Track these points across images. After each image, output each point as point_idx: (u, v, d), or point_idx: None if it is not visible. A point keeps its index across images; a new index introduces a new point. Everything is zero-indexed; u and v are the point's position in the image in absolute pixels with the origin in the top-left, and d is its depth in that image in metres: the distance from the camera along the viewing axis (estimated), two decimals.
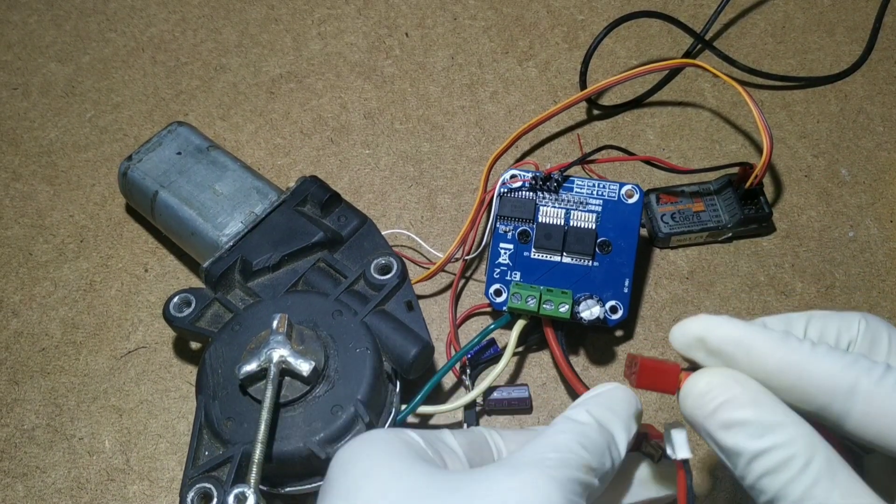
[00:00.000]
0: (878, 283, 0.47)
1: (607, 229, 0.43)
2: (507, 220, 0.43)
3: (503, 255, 0.43)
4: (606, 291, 0.42)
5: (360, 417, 0.36)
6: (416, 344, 0.38)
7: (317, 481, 0.37)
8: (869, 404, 0.24)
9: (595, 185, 0.44)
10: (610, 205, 0.43)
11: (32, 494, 0.41)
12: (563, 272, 0.43)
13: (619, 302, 0.42)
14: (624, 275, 0.42)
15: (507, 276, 0.43)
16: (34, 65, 0.57)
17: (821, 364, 0.25)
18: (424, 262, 0.47)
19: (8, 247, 0.49)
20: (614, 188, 0.43)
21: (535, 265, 0.43)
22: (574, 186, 0.44)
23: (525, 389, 0.42)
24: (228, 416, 0.37)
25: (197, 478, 0.35)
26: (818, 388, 0.25)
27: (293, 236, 0.42)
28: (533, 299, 0.40)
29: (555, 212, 0.43)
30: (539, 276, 0.43)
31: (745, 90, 0.44)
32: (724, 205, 0.47)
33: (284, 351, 0.36)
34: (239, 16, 0.59)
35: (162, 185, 0.45)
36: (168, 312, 0.40)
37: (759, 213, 0.46)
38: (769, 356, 0.25)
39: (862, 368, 0.25)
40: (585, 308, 0.41)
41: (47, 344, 0.45)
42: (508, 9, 0.58)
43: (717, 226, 0.47)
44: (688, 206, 0.47)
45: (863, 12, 0.57)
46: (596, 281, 0.42)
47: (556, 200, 0.44)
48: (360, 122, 0.53)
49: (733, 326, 0.26)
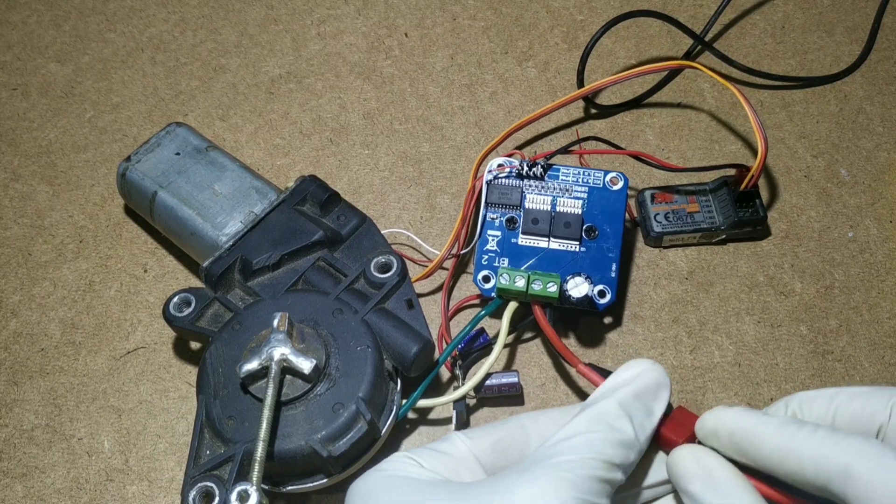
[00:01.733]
0: (877, 283, 0.47)
1: (593, 215, 0.44)
2: (494, 206, 0.44)
3: (491, 242, 0.44)
4: (594, 276, 0.43)
5: (362, 415, 0.36)
6: (417, 342, 0.38)
7: (318, 480, 0.37)
8: (865, 486, 0.25)
9: (580, 172, 0.45)
10: (595, 191, 0.44)
11: (32, 495, 0.41)
12: (551, 258, 0.43)
13: (606, 286, 0.43)
14: (611, 259, 0.43)
15: (495, 262, 0.43)
16: (33, 65, 0.57)
17: (816, 449, 0.27)
18: (424, 261, 0.47)
19: (7, 247, 0.49)
20: (599, 175, 0.44)
21: (523, 251, 0.44)
22: (559, 174, 0.45)
23: (514, 375, 0.42)
24: (230, 415, 0.37)
25: (198, 477, 0.35)
26: (813, 473, 0.26)
27: (293, 235, 0.42)
28: (521, 279, 0.40)
29: (541, 198, 0.44)
30: (527, 262, 0.43)
31: (742, 93, 0.44)
32: (719, 206, 0.47)
33: (285, 349, 0.36)
34: (238, 16, 0.59)
35: (161, 186, 0.45)
36: (168, 312, 0.40)
37: (753, 216, 0.46)
38: (768, 445, 0.28)
39: (856, 452, 0.26)
40: (574, 286, 0.41)
41: (46, 344, 0.45)
42: (508, 9, 0.58)
43: (710, 227, 0.47)
44: (682, 206, 0.47)
45: (862, 12, 0.58)
46: (583, 266, 0.43)
47: (542, 187, 0.44)
48: (359, 123, 0.53)
49: (739, 418, 0.29)
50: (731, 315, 0.46)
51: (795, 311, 0.46)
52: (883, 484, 0.25)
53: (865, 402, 0.28)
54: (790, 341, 0.45)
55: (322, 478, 0.37)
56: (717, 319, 0.45)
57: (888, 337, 0.45)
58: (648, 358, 0.33)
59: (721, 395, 0.43)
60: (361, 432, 0.36)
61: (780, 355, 0.44)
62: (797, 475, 0.27)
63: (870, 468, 0.25)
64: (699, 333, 0.45)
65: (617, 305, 0.45)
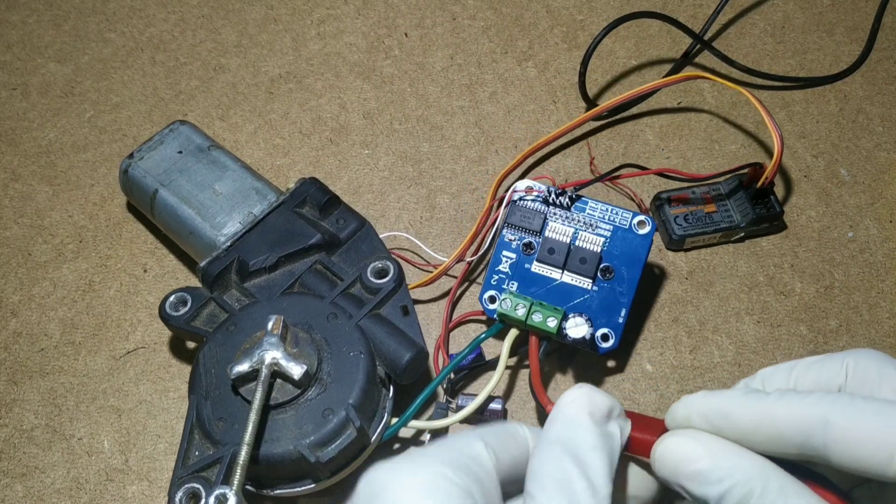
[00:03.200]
0: (877, 283, 0.46)
1: (613, 256, 0.42)
2: (514, 228, 0.43)
3: (504, 263, 0.43)
4: (601, 318, 0.41)
5: (352, 422, 0.36)
6: (410, 349, 0.38)
7: (307, 484, 0.37)
8: (841, 433, 0.25)
9: (608, 209, 0.43)
10: (619, 232, 0.42)
11: (31, 494, 0.41)
12: (561, 291, 0.42)
13: (611, 331, 0.41)
14: (622, 304, 0.41)
15: (504, 284, 0.42)
16: (33, 65, 0.57)
17: (788, 409, 0.27)
18: (423, 265, 0.47)
19: (7, 247, 0.49)
20: (626, 216, 0.42)
21: (534, 279, 0.42)
22: (587, 207, 0.43)
23: (500, 402, 0.41)
24: (220, 417, 0.36)
25: (186, 478, 0.35)
26: (791, 430, 0.26)
27: (291, 238, 0.42)
28: (523, 308, 0.39)
29: (563, 228, 0.43)
30: (536, 291, 0.42)
31: (753, 94, 0.44)
32: (736, 205, 0.47)
33: (277, 353, 0.36)
34: (238, 16, 0.59)
35: (162, 184, 0.45)
36: (164, 311, 0.40)
37: (770, 212, 0.47)
38: (741, 415, 0.28)
39: (828, 402, 0.26)
40: (573, 325, 0.39)
41: (46, 344, 0.45)
42: (508, 9, 0.58)
43: (730, 226, 0.47)
44: (699, 207, 0.47)
45: (862, 12, 0.57)
46: (592, 305, 0.41)
47: (567, 218, 0.43)
48: (359, 123, 0.53)
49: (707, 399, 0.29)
50: (731, 315, 0.46)
51: (795, 311, 0.46)
52: (860, 423, 0.25)
53: (821, 368, 0.29)
54: (790, 341, 0.45)
55: (310, 483, 0.37)
56: (717, 319, 0.45)
57: (888, 337, 0.45)
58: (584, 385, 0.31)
59: None
60: (350, 439, 0.36)
61: (780, 355, 0.44)
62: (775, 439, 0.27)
63: (846, 412, 0.26)
64: (699, 333, 0.45)
65: (621, 352, 0.44)
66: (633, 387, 0.43)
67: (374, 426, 0.38)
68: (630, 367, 0.44)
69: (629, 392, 0.43)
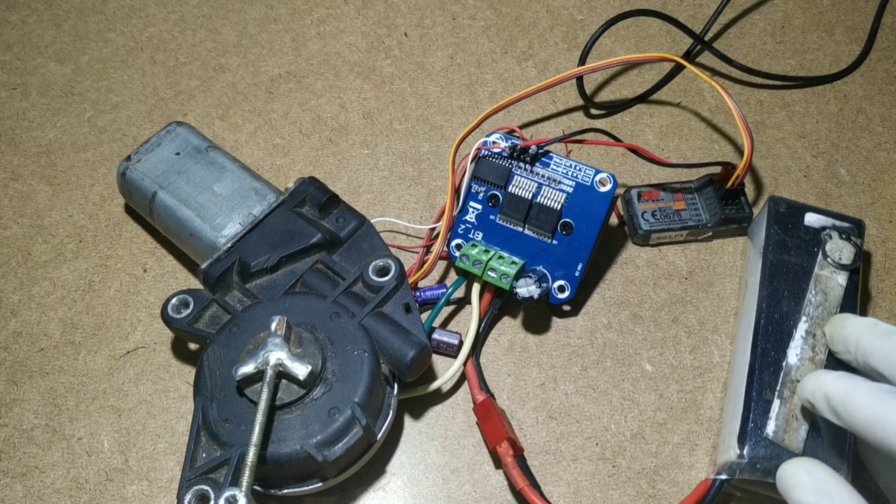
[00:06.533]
0: (877, 283, 0.47)
1: (573, 212, 0.43)
2: (481, 181, 0.44)
3: (470, 213, 0.45)
4: (559, 270, 0.43)
5: (357, 420, 0.36)
6: (414, 347, 0.38)
7: (314, 483, 0.37)
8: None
9: (571, 165, 0.44)
10: (581, 188, 0.43)
11: (31, 494, 0.41)
12: (522, 242, 0.44)
13: (567, 283, 0.44)
14: (579, 259, 0.43)
15: (470, 233, 0.45)
16: (33, 65, 0.57)
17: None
18: (415, 248, 0.48)
19: (7, 247, 0.49)
20: (589, 173, 0.43)
21: (498, 230, 0.44)
22: (551, 163, 0.44)
23: (457, 336, 0.44)
24: (226, 418, 0.36)
25: (194, 480, 0.35)
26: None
27: (291, 238, 0.42)
28: (479, 264, 0.42)
29: (527, 183, 0.44)
30: (499, 241, 0.44)
31: (725, 90, 0.43)
32: (705, 204, 0.47)
33: (282, 354, 0.36)
34: (238, 16, 0.59)
35: (161, 186, 0.45)
36: (166, 314, 0.40)
37: (739, 214, 0.46)
38: (860, 409, 0.30)
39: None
40: (523, 285, 0.42)
41: (46, 344, 0.45)
42: (507, 9, 0.58)
43: (697, 224, 0.47)
44: (669, 203, 0.47)
45: (862, 12, 0.57)
46: (552, 258, 0.44)
47: (531, 173, 0.44)
48: (358, 122, 0.53)
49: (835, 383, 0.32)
50: (731, 315, 0.46)
51: None
52: None
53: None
54: None
55: (317, 482, 0.37)
56: (716, 319, 0.45)
57: None
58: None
59: (721, 395, 0.43)
60: (356, 437, 0.36)
61: None
62: (883, 441, 0.29)
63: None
64: (699, 333, 0.45)
65: (578, 301, 0.46)
66: (632, 387, 0.43)
67: (379, 423, 0.38)
68: (630, 367, 0.44)
69: (629, 392, 0.43)
